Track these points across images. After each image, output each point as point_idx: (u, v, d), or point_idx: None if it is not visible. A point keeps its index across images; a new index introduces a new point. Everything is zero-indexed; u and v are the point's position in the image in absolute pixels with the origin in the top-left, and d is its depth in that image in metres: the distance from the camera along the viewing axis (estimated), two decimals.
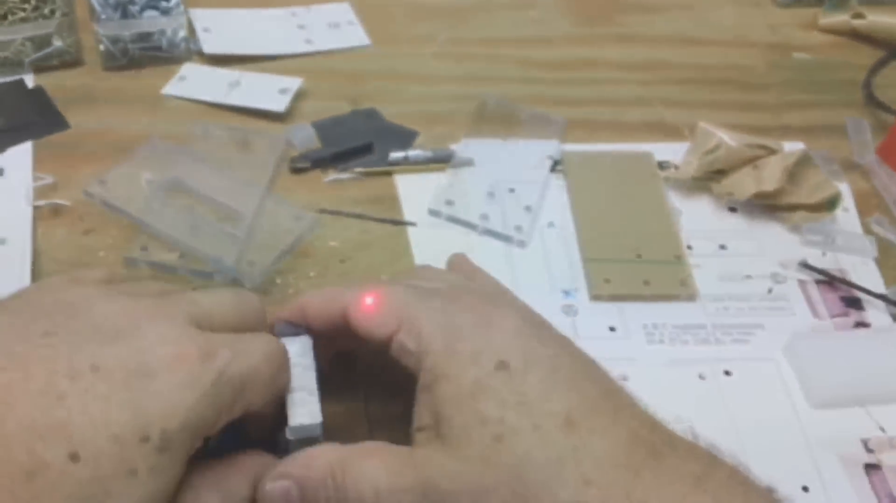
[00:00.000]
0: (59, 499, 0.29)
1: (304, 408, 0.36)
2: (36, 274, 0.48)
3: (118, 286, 0.36)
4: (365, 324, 0.37)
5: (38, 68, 0.63)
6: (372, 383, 0.44)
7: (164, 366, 0.31)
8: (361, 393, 0.44)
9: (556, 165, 0.59)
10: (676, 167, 0.59)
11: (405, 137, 0.60)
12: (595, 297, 0.51)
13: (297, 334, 0.39)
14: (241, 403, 0.34)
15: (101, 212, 0.52)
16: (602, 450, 0.32)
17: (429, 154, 0.58)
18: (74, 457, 0.29)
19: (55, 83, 0.62)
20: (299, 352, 0.38)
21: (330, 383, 0.39)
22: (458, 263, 0.47)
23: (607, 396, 0.35)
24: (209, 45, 0.65)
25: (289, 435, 0.36)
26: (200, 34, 0.66)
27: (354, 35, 0.69)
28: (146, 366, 0.31)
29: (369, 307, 0.37)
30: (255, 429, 0.38)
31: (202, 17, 0.67)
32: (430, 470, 0.33)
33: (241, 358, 0.34)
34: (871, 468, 0.44)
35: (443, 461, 0.33)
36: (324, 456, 0.35)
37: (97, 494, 0.29)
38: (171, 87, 0.62)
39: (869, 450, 0.45)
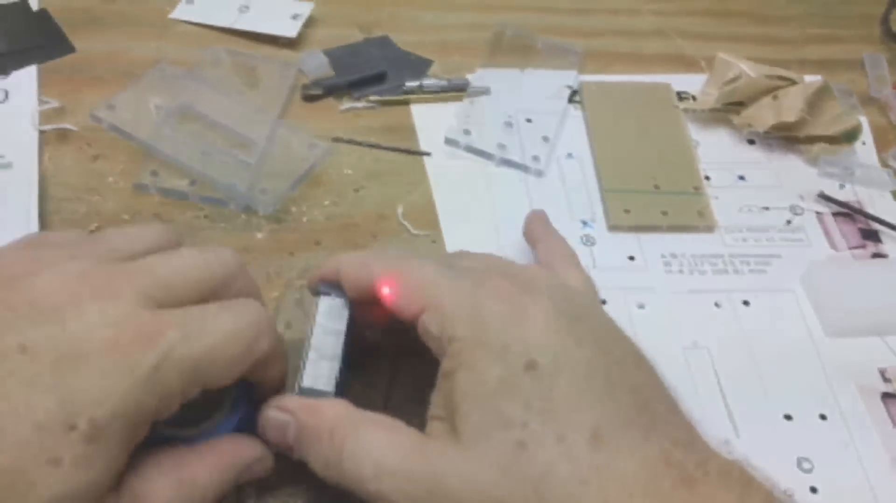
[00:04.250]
0: None
1: (321, 373, 0.35)
2: (44, 199, 0.47)
3: (80, 247, 0.33)
4: (392, 301, 0.34)
5: None
6: (401, 362, 0.41)
7: (98, 351, 0.29)
8: (387, 368, 0.42)
9: (573, 96, 0.58)
10: (694, 98, 0.58)
11: (419, 66, 0.59)
12: (613, 228, 0.50)
13: (337, 296, 0.37)
14: (198, 384, 0.31)
15: (109, 137, 0.51)
16: (629, 473, 0.29)
17: (444, 83, 0.57)
18: None
19: (60, 5, 0.60)
20: (328, 313, 0.37)
21: (357, 353, 0.37)
22: (533, 222, 0.46)
23: (643, 408, 0.31)
24: None
25: (298, 393, 0.35)
26: None
27: None
28: (78, 350, 0.29)
29: (389, 294, 0.34)
30: (266, 391, 0.36)
31: None
32: (443, 465, 0.30)
33: (193, 338, 0.30)
34: (888, 397, 0.44)
35: (457, 459, 0.30)
36: (332, 410, 0.33)
37: (17, 484, 0.27)
38: (179, 11, 0.61)
39: (886, 380, 0.45)
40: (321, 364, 0.36)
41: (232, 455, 0.34)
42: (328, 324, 0.37)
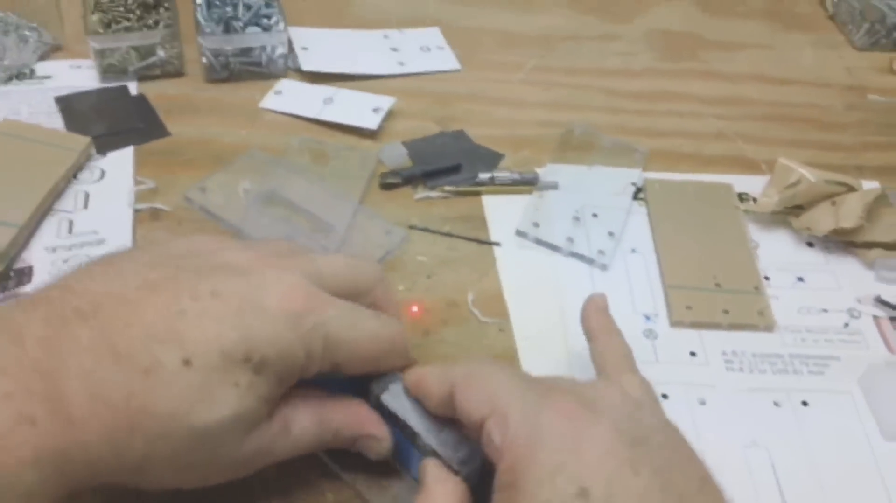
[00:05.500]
0: (171, 395, 0.33)
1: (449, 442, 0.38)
2: None
3: (248, 242, 0.40)
4: (463, 403, 0.36)
5: (142, 77, 0.66)
6: None
7: (274, 305, 0.35)
8: None
9: (638, 193, 0.61)
10: (755, 200, 0.61)
11: (491, 159, 0.62)
12: (676, 324, 0.52)
13: (392, 383, 0.40)
14: (333, 362, 0.37)
15: (199, 217, 0.54)
16: None
17: (515, 176, 0.60)
18: (187, 363, 0.33)
19: (157, 92, 0.65)
20: (401, 404, 0.39)
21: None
22: (591, 314, 0.44)
23: None
24: (307, 63, 0.68)
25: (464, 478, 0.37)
26: (299, 52, 0.68)
27: (445, 59, 0.72)
28: (259, 301, 0.35)
29: (459, 400, 0.36)
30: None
31: (301, 36, 0.70)
32: None
33: (345, 326, 0.37)
34: None
35: None
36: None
37: (204, 398, 0.33)
38: (268, 101, 0.65)
39: None
40: (442, 436, 0.38)
41: (362, 418, 0.39)
42: (408, 407, 0.39)
